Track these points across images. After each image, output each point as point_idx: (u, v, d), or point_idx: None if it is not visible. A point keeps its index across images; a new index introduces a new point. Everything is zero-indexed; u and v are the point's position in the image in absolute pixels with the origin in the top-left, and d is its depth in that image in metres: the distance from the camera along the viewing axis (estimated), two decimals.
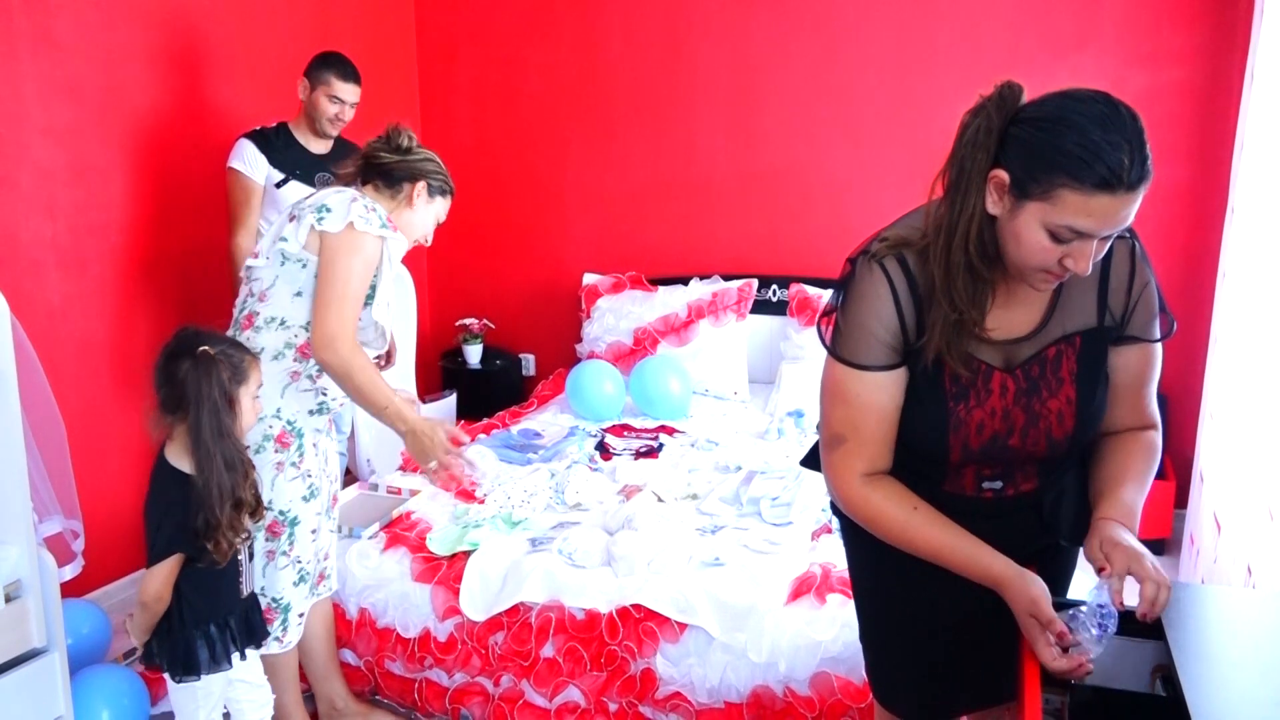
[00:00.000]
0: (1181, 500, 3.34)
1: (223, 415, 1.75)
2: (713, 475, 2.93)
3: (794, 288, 3.87)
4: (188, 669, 1.81)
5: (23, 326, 2.47)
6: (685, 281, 4.02)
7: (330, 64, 3.04)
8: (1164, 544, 3.39)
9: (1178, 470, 3.44)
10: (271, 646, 2.12)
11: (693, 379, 3.73)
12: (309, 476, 2.14)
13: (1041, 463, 1.39)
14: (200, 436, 1.74)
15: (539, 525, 2.59)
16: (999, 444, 1.34)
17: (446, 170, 2.25)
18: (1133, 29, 3.40)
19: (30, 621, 1.93)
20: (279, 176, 3.03)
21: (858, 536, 1.45)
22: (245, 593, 1.91)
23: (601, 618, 2.21)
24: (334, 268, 2.00)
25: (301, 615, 2.19)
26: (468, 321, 4.42)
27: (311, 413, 2.13)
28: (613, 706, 2.20)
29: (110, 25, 2.98)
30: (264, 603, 2.09)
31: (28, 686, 1.92)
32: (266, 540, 2.10)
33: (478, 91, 4.41)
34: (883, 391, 1.33)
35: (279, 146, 3.06)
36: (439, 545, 2.47)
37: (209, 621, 1.82)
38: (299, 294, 2.05)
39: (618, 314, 4.00)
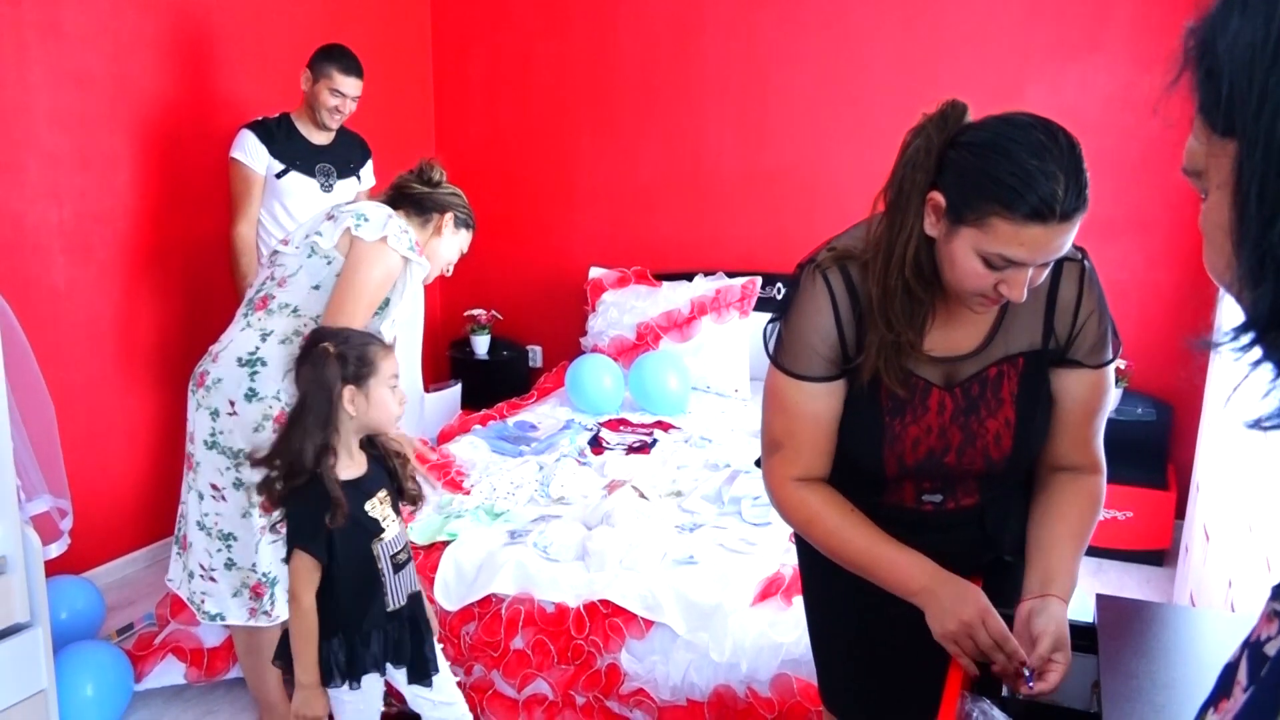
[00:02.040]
0: (1182, 511, 3.28)
1: (316, 410, 1.70)
2: (700, 472, 2.93)
3: None
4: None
5: (27, 310, 2.54)
6: (690, 277, 4.01)
7: (333, 57, 3.06)
8: (1163, 555, 3.34)
9: (1180, 480, 3.38)
10: (260, 620, 2.18)
11: (694, 375, 3.73)
12: None
13: (981, 479, 1.37)
14: (290, 424, 1.73)
15: (520, 518, 2.61)
16: (934, 460, 1.32)
17: (470, 206, 2.37)
18: (1144, 34, 3.32)
19: (14, 597, 2.00)
20: (279, 167, 3.07)
21: (808, 545, 1.45)
22: (393, 606, 1.80)
23: (570, 612, 2.23)
24: (357, 272, 2.11)
25: None
26: (476, 312, 4.45)
27: None
28: (580, 700, 2.21)
29: (118, 13, 3.03)
30: (254, 578, 2.16)
31: (11, 660, 1.99)
32: (260, 516, 2.15)
33: (490, 84, 4.44)
34: (819, 402, 1.32)
35: (280, 137, 3.10)
36: (418, 534, 2.50)
37: (337, 633, 1.75)
38: (317, 287, 2.16)
39: (621, 308, 4.01)
